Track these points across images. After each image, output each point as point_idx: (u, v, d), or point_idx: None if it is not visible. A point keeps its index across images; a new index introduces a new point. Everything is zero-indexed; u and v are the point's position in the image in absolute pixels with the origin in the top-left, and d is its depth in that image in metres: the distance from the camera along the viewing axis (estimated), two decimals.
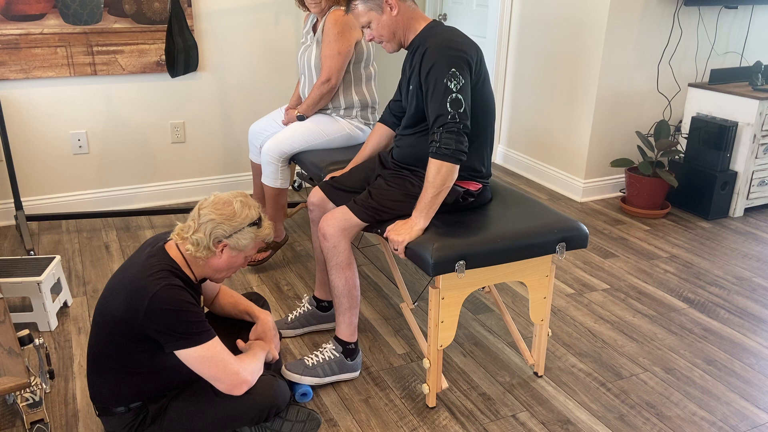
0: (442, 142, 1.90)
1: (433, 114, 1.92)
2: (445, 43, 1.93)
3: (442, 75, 1.90)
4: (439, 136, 1.90)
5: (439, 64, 1.91)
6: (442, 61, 1.90)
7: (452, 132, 1.90)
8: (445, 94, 1.90)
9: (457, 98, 1.90)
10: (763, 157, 3.63)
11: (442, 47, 1.92)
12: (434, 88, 1.91)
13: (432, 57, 1.92)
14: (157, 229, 3.41)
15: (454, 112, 1.89)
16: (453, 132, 1.90)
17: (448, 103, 1.89)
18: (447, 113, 1.89)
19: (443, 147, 1.90)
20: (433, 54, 1.92)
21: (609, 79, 3.67)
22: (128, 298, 1.61)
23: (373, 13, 2.01)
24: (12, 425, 1.99)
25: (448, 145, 1.89)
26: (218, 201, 1.71)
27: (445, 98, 1.89)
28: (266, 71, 3.76)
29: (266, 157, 2.81)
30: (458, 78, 1.90)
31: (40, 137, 3.40)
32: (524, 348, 2.29)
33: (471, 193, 2.11)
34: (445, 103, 1.89)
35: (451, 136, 1.89)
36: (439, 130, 1.91)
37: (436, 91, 1.91)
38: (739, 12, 3.90)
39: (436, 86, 1.91)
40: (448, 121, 1.90)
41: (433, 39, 1.96)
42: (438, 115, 1.91)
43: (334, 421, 2.04)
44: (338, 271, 2.09)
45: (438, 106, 1.90)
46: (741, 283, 2.94)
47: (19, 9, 3.14)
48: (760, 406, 2.14)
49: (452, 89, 1.89)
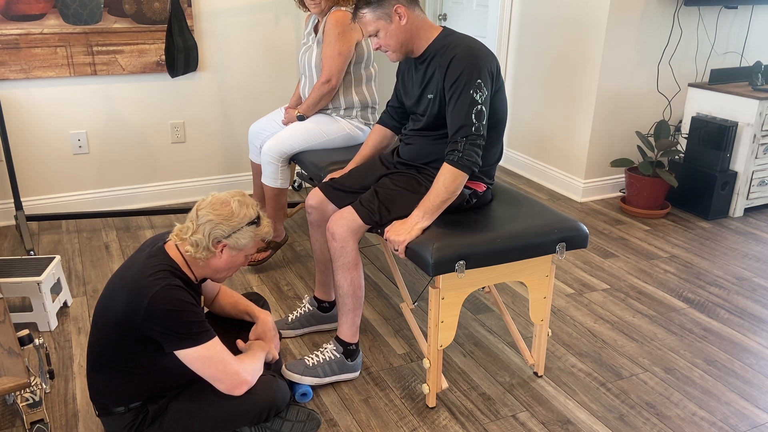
0: (464, 152, 1.91)
1: (457, 123, 1.93)
2: (472, 53, 1.93)
3: (469, 85, 1.91)
4: (463, 146, 1.92)
5: (467, 73, 1.91)
6: (469, 72, 1.91)
7: (475, 144, 1.92)
8: (471, 105, 1.91)
9: (481, 110, 1.92)
10: (763, 157, 3.63)
11: (469, 57, 1.93)
12: (459, 98, 1.92)
13: (459, 66, 1.92)
14: (157, 229, 3.41)
15: (478, 124, 1.92)
16: (476, 144, 1.92)
17: (474, 114, 1.91)
18: (471, 125, 1.91)
19: (465, 158, 1.91)
20: (460, 63, 1.92)
21: (609, 79, 3.67)
22: (128, 298, 1.61)
23: (381, 22, 2.00)
24: (12, 425, 1.99)
25: (470, 156, 1.92)
26: (216, 201, 1.71)
27: (471, 109, 1.91)
28: (266, 71, 3.76)
29: (266, 157, 2.81)
30: (483, 90, 1.92)
31: (40, 137, 3.40)
32: (524, 348, 2.29)
33: (477, 194, 2.12)
34: (471, 114, 1.91)
35: (474, 148, 1.92)
36: (463, 141, 1.92)
37: (461, 101, 1.92)
38: (739, 12, 3.90)
39: (461, 96, 1.92)
40: (472, 133, 1.92)
41: (457, 48, 1.96)
42: (462, 126, 1.92)
43: (334, 421, 2.04)
44: (344, 272, 2.09)
45: (463, 116, 1.92)
46: (741, 283, 2.94)
47: (19, 9, 3.14)
48: (760, 406, 2.14)
49: (477, 101, 1.91)
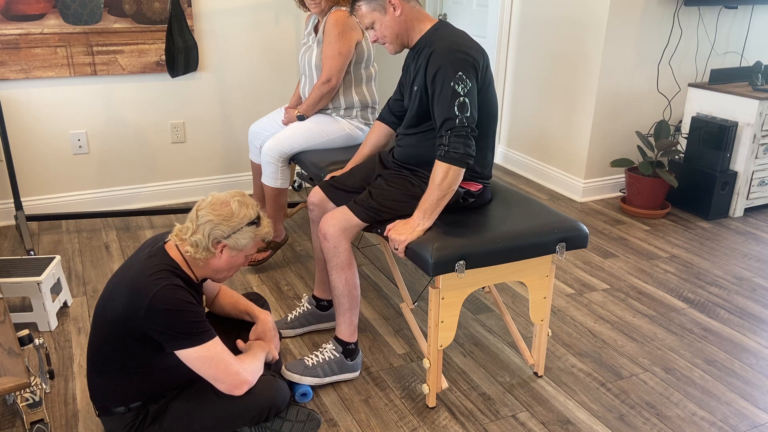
0: (450, 145, 1.90)
1: (441, 117, 1.92)
2: (453, 46, 1.92)
3: (449, 78, 1.90)
4: (448, 139, 1.90)
5: (445, 66, 1.90)
6: (449, 65, 1.90)
7: (461, 136, 1.90)
8: (452, 97, 1.89)
9: (465, 102, 1.90)
10: (763, 157, 3.63)
11: (449, 50, 1.92)
12: (441, 91, 1.91)
13: (439, 60, 1.91)
14: (157, 229, 3.41)
15: (461, 116, 1.90)
16: (461, 136, 1.90)
17: (456, 106, 1.89)
18: (455, 117, 1.90)
19: (452, 151, 1.90)
20: (440, 57, 1.92)
21: (609, 79, 3.67)
22: (128, 298, 1.61)
23: (376, 14, 2.01)
24: (12, 425, 1.99)
25: (457, 149, 1.90)
26: (216, 201, 1.71)
27: (452, 102, 1.89)
28: (266, 71, 3.76)
29: (266, 157, 2.81)
30: (465, 81, 1.90)
31: (40, 137, 3.40)
32: (524, 348, 2.29)
33: (472, 193, 2.10)
34: (453, 106, 1.89)
35: (460, 139, 1.90)
36: (448, 134, 1.90)
37: (443, 95, 1.91)
38: (739, 12, 3.90)
39: (443, 89, 1.91)
40: (456, 125, 1.90)
41: (440, 41, 1.95)
42: (446, 119, 1.91)
43: (334, 421, 2.04)
44: (338, 272, 2.09)
45: (446, 109, 1.90)
46: (741, 283, 2.94)
47: (19, 9, 3.14)
48: (760, 406, 2.14)
49: (459, 93, 1.89)
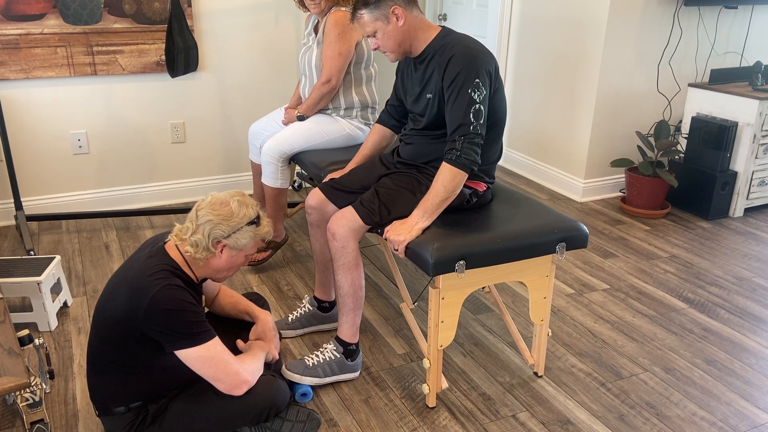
0: (462, 151, 1.92)
1: (455, 122, 1.94)
2: (470, 52, 1.95)
3: (467, 85, 1.92)
4: (461, 145, 1.93)
5: (465, 73, 1.93)
6: (467, 71, 1.92)
7: (473, 143, 1.93)
8: (469, 104, 1.92)
9: (480, 109, 1.93)
10: (763, 157, 3.63)
11: (467, 57, 1.94)
12: (458, 97, 1.93)
13: (458, 66, 1.94)
14: (157, 229, 3.41)
15: (476, 123, 1.93)
16: (473, 143, 1.93)
17: (471, 113, 1.92)
18: (469, 123, 1.92)
19: (464, 156, 1.92)
20: (459, 63, 1.94)
21: (609, 79, 3.67)
22: (128, 298, 1.61)
23: (379, 23, 2.01)
24: (12, 425, 1.99)
25: (468, 155, 1.92)
26: (215, 201, 1.71)
27: (468, 108, 1.92)
28: (266, 71, 3.76)
29: (266, 157, 2.81)
30: (481, 89, 1.93)
31: (40, 137, 3.40)
32: (524, 348, 2.29)
33: (477, 193, 2.12)
34: (469, 113, 1.92)
35: (472, 147, 1.93)
36: (461, 140, 1.93)
37: (459, 100, 1.93)
38: (739, 12, 3.90)
39: (459, 95, 1.93)
40: (470, 131, 1.92)
41: (455, 47, 1.97)
42: (460, 125, 1.93)
43: (334, 421, 2.04)
44: (345, 272, 2.09)
45: (461, 115, 1.93)
46: (741, 283, 2.93)
47: (19, 9, 3.14)
48: (760, 406, 2.14)
49: (476, 100, 1.92)
